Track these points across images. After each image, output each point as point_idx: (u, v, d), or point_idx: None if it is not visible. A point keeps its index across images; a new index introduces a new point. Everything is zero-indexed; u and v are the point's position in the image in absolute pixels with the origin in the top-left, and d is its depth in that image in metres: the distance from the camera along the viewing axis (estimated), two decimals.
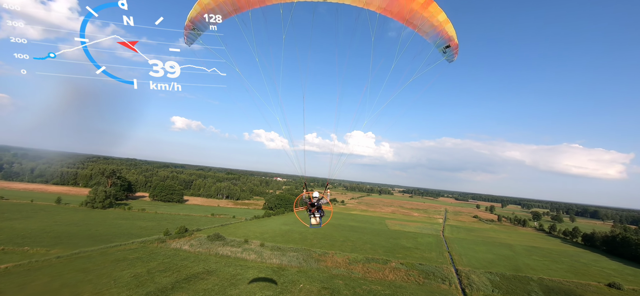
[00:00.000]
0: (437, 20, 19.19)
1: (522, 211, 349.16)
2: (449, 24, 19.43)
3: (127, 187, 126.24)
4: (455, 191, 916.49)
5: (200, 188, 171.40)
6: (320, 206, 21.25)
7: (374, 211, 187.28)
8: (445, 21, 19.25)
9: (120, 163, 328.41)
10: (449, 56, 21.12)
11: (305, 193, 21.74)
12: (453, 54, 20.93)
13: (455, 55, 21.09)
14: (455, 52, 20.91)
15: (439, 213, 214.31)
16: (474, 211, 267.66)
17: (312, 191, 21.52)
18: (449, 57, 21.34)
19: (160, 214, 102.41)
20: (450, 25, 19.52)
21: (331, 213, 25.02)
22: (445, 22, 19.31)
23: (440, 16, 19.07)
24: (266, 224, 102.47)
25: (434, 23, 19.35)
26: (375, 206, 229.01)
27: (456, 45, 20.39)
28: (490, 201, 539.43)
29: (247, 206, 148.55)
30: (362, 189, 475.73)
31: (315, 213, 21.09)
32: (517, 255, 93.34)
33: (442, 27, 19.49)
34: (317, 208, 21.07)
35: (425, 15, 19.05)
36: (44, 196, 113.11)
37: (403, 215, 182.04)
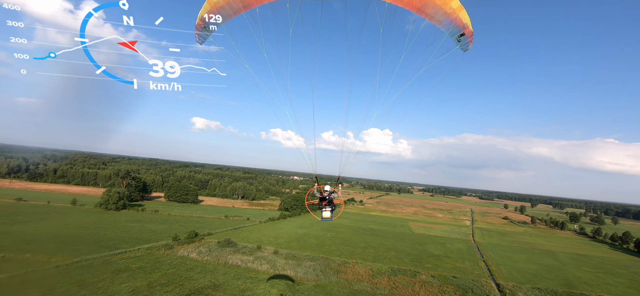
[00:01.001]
0: (451, 8, 18.30)
1: (555, 211, 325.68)
2: (463, 10, 18.47)
3: (142, 188, 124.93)
4: (479, 190, 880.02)
5: (216, 188, 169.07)
6: (332, 199, 21.16)
7: (395, 212, 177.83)
8: (459, 8, 18.33)
9: (141, 163, 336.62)
10: (464, 44, 20.33)
11: (317, 186, 21.54)
12: (467, 42, 20.10)
13: (470, 43, 20.30)
14: (470, 40, 20.01)
15: (465, 214, 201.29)
16: (503, 211, 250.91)
17: (324, 185, 21.31)
18: (463, 46, 20.51)
19: (173, 216, 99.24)
20: (464, 12, 18.54)
21: (342, 208, 24.53)
22: (459, 9, 18.38)
23: (453, 3, 18.12)
24: (281, 227, 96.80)
25: (447, 10, 18.48)
26: (396, 206, 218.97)
27: (471, 33, 19.48)
28: (517, 200, 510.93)
29: (262, 207, 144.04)
30: (380, 188, 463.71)
31: (327, 207, 20.93)
32: (564, 265, 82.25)
33: (456, 14, 18.53)
34: (328, 201, 21.01)
35: (437, 3, 18.21)
36: (62, 198, 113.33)
37: (426, 216, 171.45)
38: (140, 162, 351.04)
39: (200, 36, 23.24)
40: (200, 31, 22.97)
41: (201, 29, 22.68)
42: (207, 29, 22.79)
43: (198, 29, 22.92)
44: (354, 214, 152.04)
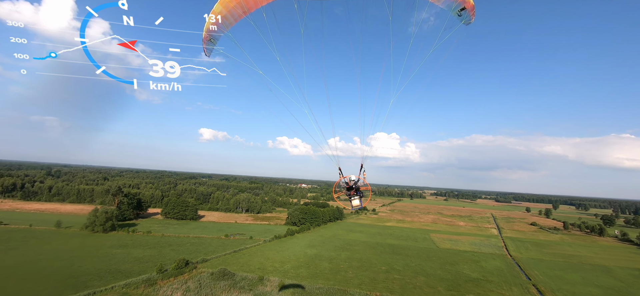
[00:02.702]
0: None
1: (581, 213, 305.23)
2: None
3: (136, 205, 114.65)
4: (493, 192, 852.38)
5: (219, 202, 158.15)
6: (358, 187, 21.46)
7: (413, 222, 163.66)
8: None
9: (145, 176, 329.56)
10: (466, 18, 19.78)
11: (342, 177, 21.33)
12: (469, 15, 19.60)
13: (472, 17, 19.70)
14: (472, 13, 19.51)
15: (488, 221, 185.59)
16: (526, 215, 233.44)
17: (349, 175, 21.33)
18: (466, 20, 19.91)
19: (167, 238, 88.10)
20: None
21: (370, 193, 23.49)
22: None
23: None
24: (288, 248, 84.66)
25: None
26: (412, 214, 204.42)
27: (472, 6, 19.10)
28: (535, 201, 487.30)
29: (268, 221, 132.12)
30: (391, 194, 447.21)
31: (356, 194, 21.29)
32: (629, 286, 67.97)
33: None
34: (356, 190, 21.39)
35: None
36: (49, 219, 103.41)
37: (447, 225, 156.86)
38: (146, 175, 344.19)
39: (208, 49, 23.37)
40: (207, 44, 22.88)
41: (208, 41, 22.67)
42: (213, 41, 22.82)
43: (205, 42, 22.82)
44: (369, 226, 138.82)
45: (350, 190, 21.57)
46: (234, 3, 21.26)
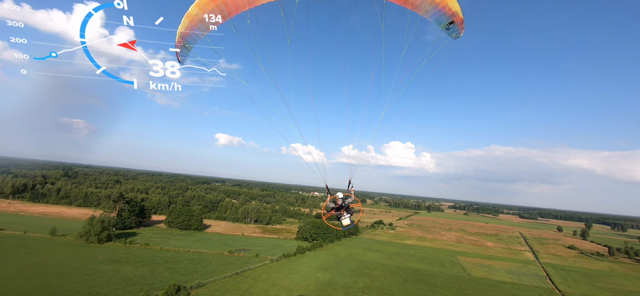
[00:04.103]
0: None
1: (617, 233, 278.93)
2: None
3: (139, 212, 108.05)
4: (514, 206, 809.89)
5: (227, 210, 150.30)
6: (348, 205, 20.53)
7: (435, 239, 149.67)
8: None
9: (159, 179, 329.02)
10: (455, 31, 19.44)
11: (330, 197, 20.85)
12: (458, 29, 19.21)
13: (461, 31, 19.38)
14: (461, 27, 19.15)
15: (518, 241, 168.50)
16: (559, 236, 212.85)
17: (336, 194, 20.63)
18: (455, 34, 19.54)
19: (164, 253, 79.97)
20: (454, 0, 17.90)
21: (361, 210, 23.12)
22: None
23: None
24: (298, 270, 74.51)
25: (435, 0, 17.73)
26: (432, 230, 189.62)
27: (461, 20, 18.66)
28: (562, 218, 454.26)
29: (277, 235, 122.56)
30: (407, 206, 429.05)
31: (345, 213, 20.43)
32: None
33: (445, 2, 17.87)
34: (345, 208, 20.50)
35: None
36: (49, 224, 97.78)
37: (474, 245, 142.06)
38: (160, 178, 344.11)
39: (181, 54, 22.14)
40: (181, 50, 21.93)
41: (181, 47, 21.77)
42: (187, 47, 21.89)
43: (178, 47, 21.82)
44: (387, 244, 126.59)
45: (340, 209, 20.55)
46: (212, 6, 19.55)
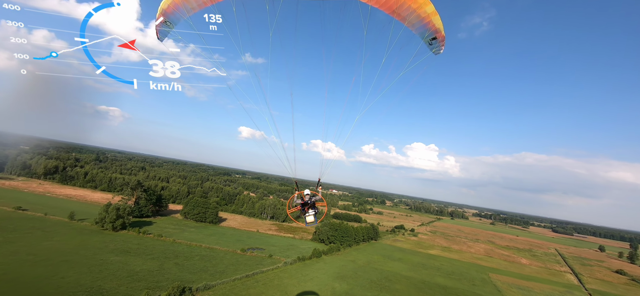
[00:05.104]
0: (425, 12, 18.57)
1: None
2: (436, 16, 18.63)
3: (155, 201, 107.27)
4: (546, 218, 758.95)
5: (244, 204, 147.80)
6: (314, 203, 20.68)
7: (461, 251, 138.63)
8: (433, 13, 18.57)
9: (182, 168, 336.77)
10: (436, 47, 20.41)
11: (297, 193, 21.21)
12: (439, 45, 20.25)
13: (441, 47, 20.38)
14: (442, 44, 20.20)
15: (556, 259, 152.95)
16: (602, 256, 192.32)
17: (304, 190, 20.79)
18: (436, 49, 20.51)
19: (176, 245, 77.24)
20: (438, 17, 18.70)
21: (325, 209, 22.92)
22: (433, 14, 18.60)
23: (428, 8, 18.41)
24: (313, 277, 68.79)
25: (421, 14, 18.70)
26: (458, 240, 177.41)
27: (443, 37, 19.78)
28: (601, 235, 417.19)
29: (292, 234, 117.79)
30: (429, 210, 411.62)
31: (310, 211, 20.52)
32: None
33: (430, 19, 18.76)
34: (311, 205, 20.55)
35: (413, 6, 18.51)
36: (70, 207, 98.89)
37: (506, 260, 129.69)
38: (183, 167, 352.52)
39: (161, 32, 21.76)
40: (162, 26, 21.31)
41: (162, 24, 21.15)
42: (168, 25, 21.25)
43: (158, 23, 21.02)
44: (409, 252, 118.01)
45: (305, 206, 20.59)
46: None
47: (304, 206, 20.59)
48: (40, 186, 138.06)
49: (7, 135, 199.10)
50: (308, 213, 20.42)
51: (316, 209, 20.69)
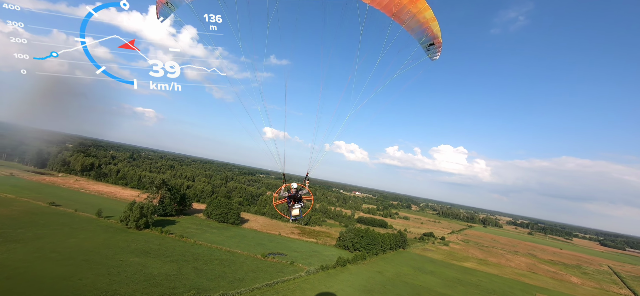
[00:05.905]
0: (424, 17, 18.89)
1: None
2: (435, 22, 19.01)
3: (179, 200, 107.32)
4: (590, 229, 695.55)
5: (266, 205, 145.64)
6: (300, 197, 20.90)
7: (500, 265, 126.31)
8: (431, 19, 18.90)
9: (208, 167, 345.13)
10: (433, 53, 20.70)
11: (284, 185, 21.16)
12: (436, 51, 20.57)
13: (438, 53, 20.73)
14: (439, 50, 20.51)
15: (611, 279, 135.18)
16: None
17: (291, 183, 20.91)
18: (432, 54, 20.80)
19: (197, 247, 75.17)
20: (436, 23, 19.11)
21: (312, 203, 22.87)
22: (432, 20, 18.95)
23: (427, 13, 18.72)
24: (337, 287, 63.32)
25: (420, 19, 19.10)
26: (494, 251, 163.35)
27: (440, 43, 20.07)
28: None
29: (315, 239, 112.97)
30: (458, 217, 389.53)
31: (296, 204, 20.72)
32: None
33: (428, 24, 19.12)
34: (297, 199, 20.79)
35: (412, 11, 18.80)
36: (99, 204, 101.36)
37: (553, 279, 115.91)
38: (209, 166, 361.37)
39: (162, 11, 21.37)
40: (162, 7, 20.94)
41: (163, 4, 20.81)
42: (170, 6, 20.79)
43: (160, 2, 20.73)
44: (441, 264, 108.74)
45: (291, 199, 20.67)
46: None
47: (290, 199, 20.74)
48: (77, 182, 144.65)
49: (50, 133, 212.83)
50: (294, 206, 20.59)
51: (302, 203, 20.89)
